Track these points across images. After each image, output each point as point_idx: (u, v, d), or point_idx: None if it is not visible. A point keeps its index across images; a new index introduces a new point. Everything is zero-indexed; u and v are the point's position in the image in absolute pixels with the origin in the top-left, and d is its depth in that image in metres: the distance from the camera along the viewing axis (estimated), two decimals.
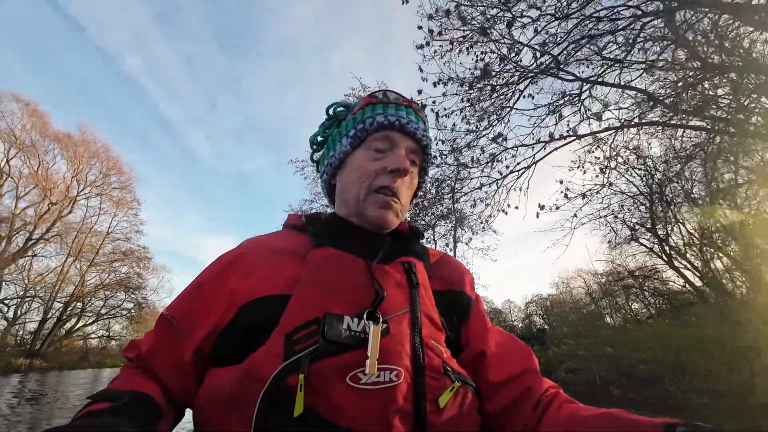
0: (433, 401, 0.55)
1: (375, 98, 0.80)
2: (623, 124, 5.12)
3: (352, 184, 0.75)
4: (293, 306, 0.59)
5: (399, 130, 0.74)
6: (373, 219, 0.72)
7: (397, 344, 0.57)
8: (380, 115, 0.75)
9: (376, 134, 0.75)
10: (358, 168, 0.74)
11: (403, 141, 0.75)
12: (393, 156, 0.73)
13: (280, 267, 0.66)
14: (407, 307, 0.62)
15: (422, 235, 0.83)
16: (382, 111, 0.76)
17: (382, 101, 0.78)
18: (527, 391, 0.65)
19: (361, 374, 0.53)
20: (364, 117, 0.76)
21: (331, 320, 0.55)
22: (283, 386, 0.51)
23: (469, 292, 0.77)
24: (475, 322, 0.73)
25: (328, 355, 0.53)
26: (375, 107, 0.77)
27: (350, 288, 0.62)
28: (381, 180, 0.72)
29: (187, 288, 0.69)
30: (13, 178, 22.28)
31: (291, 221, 0.78)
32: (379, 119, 0.74)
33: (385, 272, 0.64)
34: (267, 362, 0.53)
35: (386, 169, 0.72)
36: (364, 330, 0.56)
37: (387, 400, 0.52)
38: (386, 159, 0.73)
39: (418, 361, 0.57)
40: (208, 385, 0.58)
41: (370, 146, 0.75)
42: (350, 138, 0.77)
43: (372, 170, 0.73)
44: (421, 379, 0.56)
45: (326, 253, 0.66)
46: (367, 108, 0.78)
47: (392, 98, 0.79)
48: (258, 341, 0.56)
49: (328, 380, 0.52)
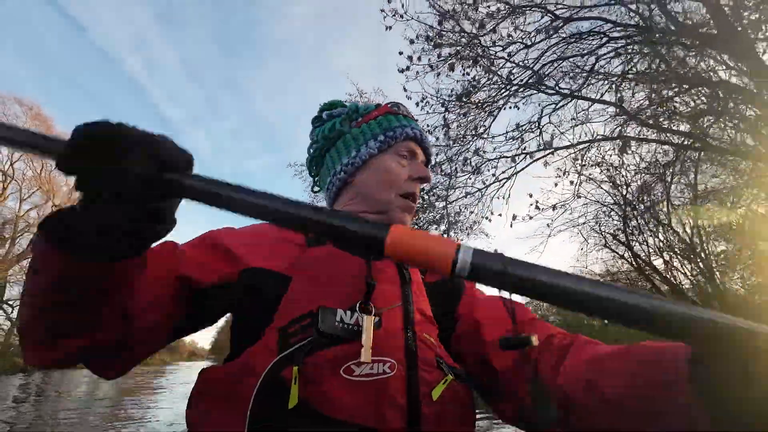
0: (426, 394, 0.56)
1: (396, 108, 0.86)
2: (595, 138, 5.43)
3: (379, 185, 0.78)
4: (288, 300, 0.60)
5: (419, 143, 0.82)
6: (398, 222, 0.76)
7: (390, 337, 0.58)
8: (407, 127, 0.81)
9: (403, 143, 0.80)
10: (388, 171, 0.78)
11: (420, 153, 0.82)
12: (417, 165, 0.79)
13: (279, 249, 0.68)
14: (400, 302, 0.63)
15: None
16: (407, 123, 0.82)
17: (401, 113, 0.84)
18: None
19: (354, 366, 0.54)
20: (391, 125, 0.81)
21: (324, 313, 0.56)
22: (278, 379, 0.51)
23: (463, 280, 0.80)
24: (466, 299, 0.75)
25: (322, 348, 0.54)
26: (398, 117, 0.83)
27: (343, 282, 0.63)
28: (408, 186, 0.77)
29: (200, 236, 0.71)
30: (17, 180, 22.68)
31: None
32: (407, 131, 0.80)
33: (377, 268, 0.65)
34: (261, 356, 0.54)
35: (412, 176, 0.78)
36: (357, 323, 0.57)
37: (380, 392, 0.53)
38: (411, 167, 0.79)
39: (411, 354, 0.58)
40: (202, 381, 0.59)
41: (397, 152, 0.80)
42: (379, 142, 0.80)
43: (402, 176, 0.78)
44: (415, 372, 0.56)
45: (321, 252, 0.68)
46: (389, 117, 0.83)
47: (406, 113, 0.86)
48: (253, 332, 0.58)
49: (322, 373, 0.52)
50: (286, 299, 0.60)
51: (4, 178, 21.70)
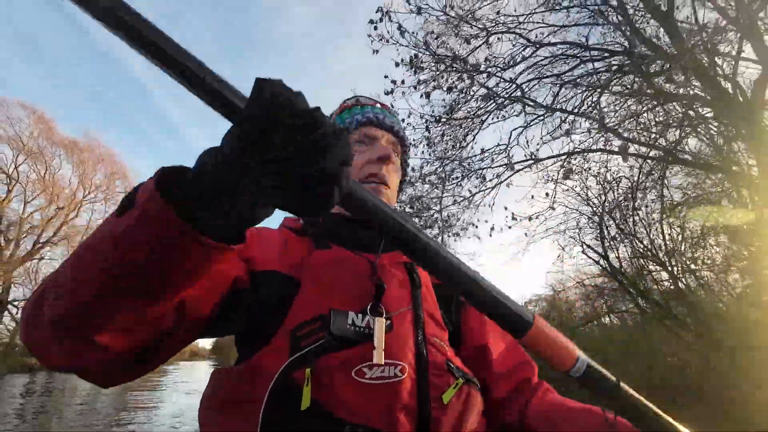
0: (437, 398, 0.56)
1: (351, 102, 0.86)
2: (573, 151, 5.78)
3: None
4: (298, 304, 0.59)
5: (377, 125, 0.80)
6: None
7: (401, 340, 0.58)
8: (357, 114, 0.80)
9: (357, 132, 0.79)
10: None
11: (382, 134, 0.80)
12: (374, 148, 0.78)
13: (288, 250, 0.68)
14: (410, 305, 0.63)
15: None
16: (359, 111, 0.81)
17: (355, 105, 0.84)
18: (524, 382, 0.72)
19: (366, 369, 0.53)
20: (343, 119, 0.82)
21: (336, 315, 0.56)
22: (290, 381, 0.51)
23: None
24: (474, 315, 0.76)
25: (333, 350, 0.54)
26: (351, 110, 0.83)
27: (352, 285, 0.63)
28: (368, 169, 0.75)
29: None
30: (21, 183, 23.07)
31: (288, 223, 0.79)
32: (357, 118, 0.80)
33: (387, 272, 0.66)
34: (273, 359, 0.53)
35: (372, 159, 0.76)
36: (368, 325, 0.57)
37: (391, 395, 0.53)
38: (369, 151, 0.77)
39: (422, 357, 0.58)
40: (214, 382, 0.59)
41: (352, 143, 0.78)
42: None
43: (359, 163, 0.76)
44: (425, 376, 0.57)
45: (329, 254, 0.68)
46: (344, 112, 0.83)
47: (364, 102, 0.85)
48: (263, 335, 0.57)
49: (333, 375, 0.52)
50: (297, 302, 0.60)
51: (9, 181, 22.06)
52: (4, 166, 22.01)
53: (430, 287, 0.71)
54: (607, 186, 6.09)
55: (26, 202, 23.62)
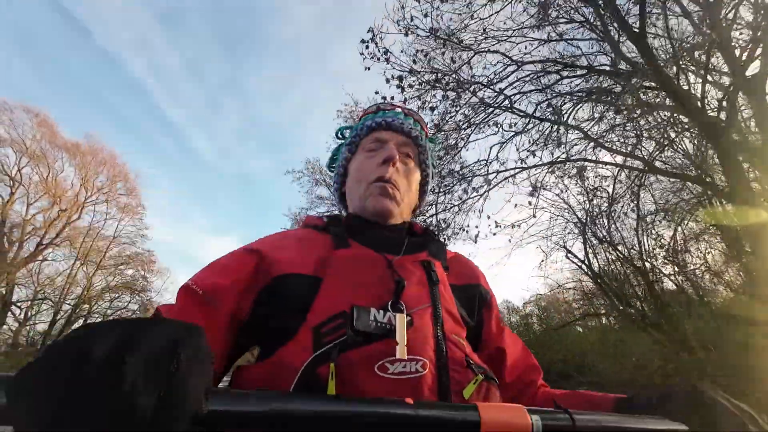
0: (458, 393, 0.57)
1: (369, 110, 0.90)
2: (554, 161, 6.08)
3: (353, 185, 0.84)
4: (320, 301, 0.62)
5: (386, 128, 0.83)
6: (374, 208, 0.78)
7: (421, 336, 0.59)
8: (368, 120, 0.85)
9: (367, 137, 0.84)
10: (357, 169, 0.83)
11: (392, 137, 0.83)
12: (383, 151, 0.80)
13: (308, 251, 0.70)
14: (429, 302, 0.65)
15: (435, 235, 0.88)
16: (372, 117, 0.85)
17: (374, 111, 0.87)
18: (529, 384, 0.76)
19: (388, 364, 0.55)
20: (357, 126, 0.87)
21: (359, 312, 0.57)
22: (314, 376, 0.52)
23: (484, 284, 0.83)
24: (493, 320, 0.79)
25: (356, 346, 0.55)
26: (366, 117, 0.87)
27: (373, 283, 0.65)
28: (375, 173, 0.79)
29: (210, 263, 0.70)
30: (24, 185, 23.36)
31: (311, 222, 0.83)
32: (368, 124, 0.84)
33: (405, 269, 0.68)
34: (297, 355, 0.55)
35: (379, 163, 0.79)
36: (390, 321, 0.58)
37: (414, 390, 0.54)
38: (378, 155, 0.81)
39: (442, 353, 0.59)
40: (238, 378, 0.60)
41: (363, 148, 0.84)
42: (348, 146, 0.86)
43: (367, 167, 0.80)
44: (445, 372, 0.58)
45: (349, 253, 0.70)
46: (361, 119, 0.88)
47: (383, 107, 0.88)
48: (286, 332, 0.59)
49: (356, 370, 0.54)
50: (319, 299, 0.62)
51: (12, 184, 22.35)
52: (7, 168, 22.32)
53: (448, 285, 0.73)
54: (590, 194, 6.39)
55: (29, 204, 23.92)
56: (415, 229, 0.87)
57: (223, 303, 0.62)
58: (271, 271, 0.66)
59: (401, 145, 0.83)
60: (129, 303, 28.63)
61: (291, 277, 0.65)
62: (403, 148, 0.84)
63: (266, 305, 0.65)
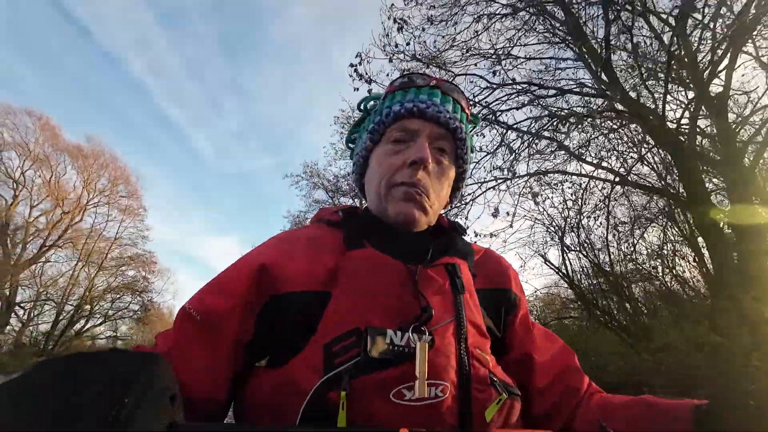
0: (479, 414, 0.54)
1: (396, 84, 0.75)
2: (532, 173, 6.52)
3: (373, 182, 0.72)
4: (332, 314, 0.57)
5: (419, 116, 0.69)
6: (396, 216, 0.68)
7: (443, 357, 0.55)
8: (397, 103, 0.70)
9: (394, 125, 0.70)
10: (378, 164, 0.71)
11: (425, 128, 0.69)
12: (413, 147, 0.68)
13: (317, 260, 0.63)
14: (452, 316, 0.60)
15: (464, 230, 0.79)
16: (402, 99, 0.71)
17: (403, 87, 0.73)
18: (570, 390, 0.67)
19: (405, 390, 0.51)
20: (382, 109, 0.72)
21: (373, 334, 0.53)
22: (324, 401, 0.49)
23: (514, 288, 0.75)
24: (520, 323, 0.73)
25: (370, 371, 0.51)
26: (395, 95, 0.73)
27: (392, 297, 0.59)
28: (400, 176, 0.68)
29: (209, 282, 0.64)
30: (27, 188, 23.78)
31: (324, 215, 0.75)
32: (395, 108, 0.70)
33: (428, 277, 0.61)
34: (306, 374, 0.52)
35: (405, 162, 0.67)
36: (408, 344, 0.53)
37: (432, 416, 0.51)
38: (406, 151, 0.68)
39: (464, 373, 0.56)
40: (249, 388, 0.58)
41: (389, 139, 0.70)
42: (369, 133, 0.73)
43: (391, 165, 0.69)
44: (467, 392, 0.54)
45: (364, 255, 0.63)
46: (388, 98, 0.74)
47: (416, 81, 0.73)
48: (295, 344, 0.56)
49: (370, 397, 0.50)
50: (329, 312, 0.58)
51: (15, 186, 22.76)
52: (10, 171, 22.74)
53: (474, 293, 0.66)
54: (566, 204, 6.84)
55: (32, 207, 24.33)
56: (441, 222, 0.78)
57: (224, 327, 0.58)
58: (276, 287, 0.61)
59: (435, 138, 0.70)
60: (130, 303, 29.14)
61: (297, 294, 0.60)
62: (438, 142, 0.70)
63: (270, 323, 0.61)
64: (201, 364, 0.56)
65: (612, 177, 6.58)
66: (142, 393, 0.32)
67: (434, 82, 0.73)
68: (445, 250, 0.68)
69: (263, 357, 0.63)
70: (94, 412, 0.29)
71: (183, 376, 0.51)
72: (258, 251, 0.67)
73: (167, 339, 0.59)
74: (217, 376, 0.57)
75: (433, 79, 0.74)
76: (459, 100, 0.74)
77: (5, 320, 21.53)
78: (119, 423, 0.29)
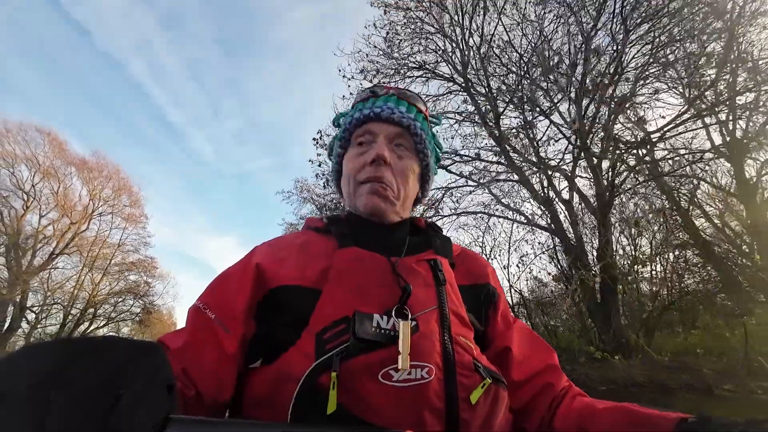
0: (464, 399, 0.56)
1: (360, 98, 0.84)
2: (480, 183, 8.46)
3: (345, 184, 0.80)
4: (322, 306, 0.61)
5: (376, 119, 0.77)
6: (365, 208, 0.75)
7: (427, 341, 0.58)
8: (356, 112, 0.79)
9: (358, 130, 0.79)
10: (347, 167, 0.79)
11: (382, 129, 0.77)
12: (373, 147, 0.76)
13: (308, 262, 0.68)
14: (435, 305, 0.63)
15: (440, 229, 0.85)
16: (361, 107, 0.79)
17: (365, 98, 0.82)
18: (546, 387, 0.71)
19: (393, 371, 0.54)
20: (347, 119, 0.81)
21: (361, 318, 0.56)
22: (316, 385, 0.52)
23: (492, 283, 0.80)
24: (500, 318, 0.77)
25: (358, 353, 0.54)
26: (357, 105, 0.81)
27: (377, 287, 0.63)
28: (364, 173, 0.75)
29: (214, 280, 0.69)
30: (37, 199, 25.31)
31: (311, 224, 0.80)
32: (356, 115, 0.78)
33: (411, 270, 0.66)
34: (299, 362, 0.55)
35: (367, 161, 0.75)
36: (394, 327, 0.57)
37: (419, 397, 0.54)
38: (368, 151, 0.76)
39: (449, 358, 0.58)
40: (245, 387, 0.61)
41: (354, 144, 0.79)
42: (339, 141, 0.82)
43: (356, 165, 0.77)
44: (453, 377, 0.57)
45: (351, 254, 0.68)
46: (354, 108, 0.82)
47: (377, 92, 0.81)
48: (288, 339, 0.59)
49: (359, 378, 0.53)
50: (321, 305, 0.61)
51: (26, 198, 24.34)
52: (21, 183, 24.32)
53: (455, 285, 0.71)
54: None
55: (41, 216, 25.86)
56: (417, 224, 0.84)
57: (234, 327, 0.61)
58: (269, 283, 0.66)
59: (393, 136, 0.78)
60: (132, 306, 30.58)
61: (289, 288, 0.65)
62: (396, 140, 0.78)
63: (266, 317, 0.65)
64: (212, 360, 0.58)
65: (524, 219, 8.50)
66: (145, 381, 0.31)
67: (392, 91, 0.82)
68: (426, 245, 0.75)
69: (258, 358, 0.64)
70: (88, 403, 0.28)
71: (194, 372, 0.56)
72: (252, 254, 0.71)
73: (178, 337, 0.61)
74: (225, 374, 0.59)
75: (391, 89, 0.83)
76: (415, 103, 0.82)
77: (18, 324, 23.09)
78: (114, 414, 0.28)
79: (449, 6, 8.25)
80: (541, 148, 7.72)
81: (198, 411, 0.55)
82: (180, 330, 0.63)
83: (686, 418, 0.48)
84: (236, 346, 0.61)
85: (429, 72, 8.62)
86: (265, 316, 0.65)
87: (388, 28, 8.64)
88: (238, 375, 0.61)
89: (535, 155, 7.60)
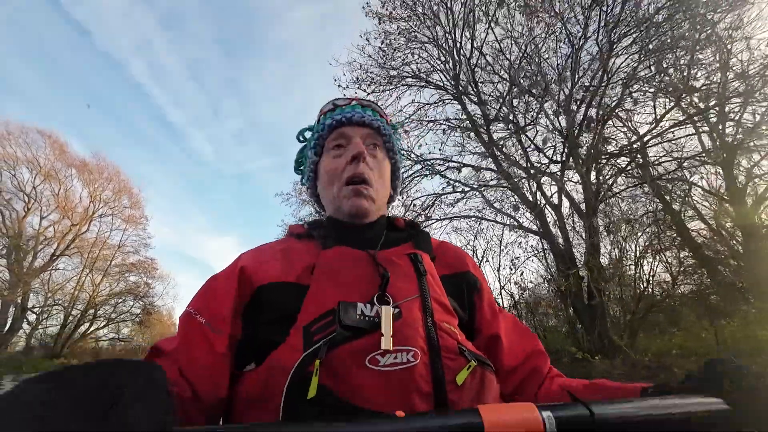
0: (451, 381, 0.57)
1: (325, 108, 0.89)
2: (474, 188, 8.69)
3: (326, 188, 0.83)
4: (309, 301, 0.63)
5: (348, 124, 0.82)
6: (349, 210, 0.78)
7: (410, 327, 0.60)
8: (328, 119, 0.84)
9: (331, 136, 0.83)
10: (327, 171, 0.82)
11: (355, 132, 0.82)
12: (350, 147, 0.80)
13: (291, 262, 0.71)
14: (417, 294, 0.65)
15: (418, 225, 0.89)
16: (331, 115, 0.84)
17: (331, 109, 0.87)
18: (534, 371, 0.75)
19: (379, 357, 0.55)
20: (318, 127, 0.86)
21: (345, 307, 0.59)
22: (305, 375, 0.53)
23: (472, 270, 0.82)
24: (486, 306, 0.79)
25: (345, 341, 0.56)
26: (326, 116, 0.86)
27: (360, 279, 0.66)
28: (346, 172, 0.78)
29: (202, 286, 0.72)
30: (38, 201, 25.49)
31: (293, 230, 0.83)
32: (327, 123, 0.83)
33: (391, 262, 0.69)
34: (288, 357, 0.56)
35: (348, 161, 0.78)
36: (377, 314, 0.59)
37: (406, 380, 0.55)
38: (346, 152, 0.80)
39: (433, 342, 0.60)
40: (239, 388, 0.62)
41: (329, 148, 0.83)
42: (312, 149, 0.86)
43: (337, 167, 0.79)
44: (438, 360, 0.58)
45: (334, 252, 0.71)
46: (321, 118, 0.87)
47: (339, 103, 0.87)
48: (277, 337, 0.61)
49: (347, 365, 0.55)
50: (307, 301, 0.63)
51: (27, 200, 24.52)
52: (22, 185, 24.53)
53: (437, 276, 0.73)
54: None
55: (42, 218, 26.05)
56: (397, 224, 0.87)
57: (222, 326, 0.64)
58: (255, 284, 0.68)
59: (366, 137, 0.83)
60: (132, 307, 30.71)
61: (273, 285, 0.67)
62: (369, 140, 0.84)
63: (254, 317, 0.67)
64: (205, 360, 0.60)
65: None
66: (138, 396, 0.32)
67: (354, 101, 0.87)
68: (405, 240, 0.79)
69: (251, 360, 0.65)
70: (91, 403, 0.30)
71: (189, 372, 0.59)
72: (237, 260, 0.74)
73: (172, 341, 0.64)
74: (219, 374, 0.61)
75: (352, 99, 0.88)
76: (376, 110, 0.88)
77: (19, 324, 23.26)
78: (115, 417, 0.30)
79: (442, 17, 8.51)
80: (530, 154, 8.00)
81: (195, 413, 0.57)
82: (173, 336, 0.67)
83: (647, 387, 0.57)
84: (227, 346, 0.63)
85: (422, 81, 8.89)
86: (253, 316, 0.67)
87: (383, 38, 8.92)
88: (231, 376, 0.63)
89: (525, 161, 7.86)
